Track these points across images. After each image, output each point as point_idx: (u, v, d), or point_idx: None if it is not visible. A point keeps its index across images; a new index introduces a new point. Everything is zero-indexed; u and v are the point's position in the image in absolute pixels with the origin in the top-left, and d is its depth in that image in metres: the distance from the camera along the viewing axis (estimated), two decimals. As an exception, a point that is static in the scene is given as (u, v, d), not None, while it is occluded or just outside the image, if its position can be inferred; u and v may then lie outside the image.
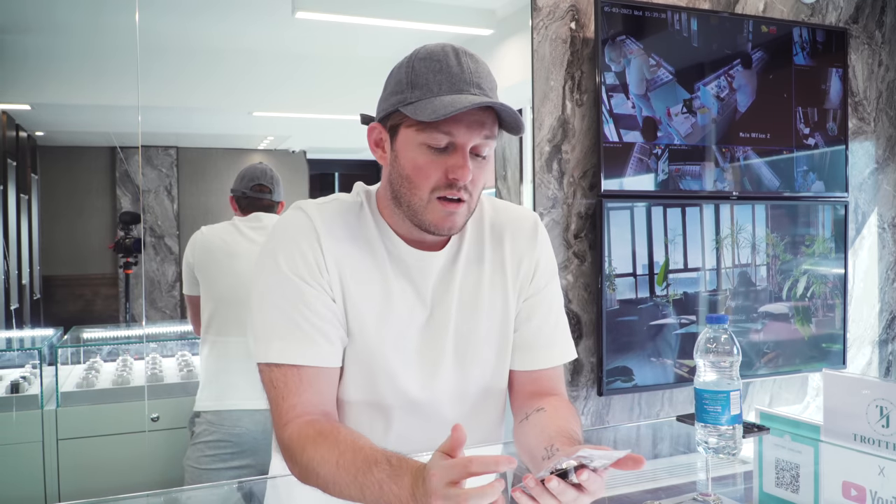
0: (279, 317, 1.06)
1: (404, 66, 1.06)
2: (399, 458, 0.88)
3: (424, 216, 1.06)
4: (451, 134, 1.01)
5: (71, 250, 2.94)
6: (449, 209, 1.04)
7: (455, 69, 1.02)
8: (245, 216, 2.29)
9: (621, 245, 2.36)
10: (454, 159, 1.03)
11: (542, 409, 1.13)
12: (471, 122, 1.02)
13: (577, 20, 2.39)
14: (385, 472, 0.86)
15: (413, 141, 1.04)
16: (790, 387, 2.84)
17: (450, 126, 1.01)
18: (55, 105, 2.81)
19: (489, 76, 1.06)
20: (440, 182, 1.03)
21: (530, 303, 1.20)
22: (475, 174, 1.05)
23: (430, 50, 1.05)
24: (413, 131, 1.03)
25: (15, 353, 2.76)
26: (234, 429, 2.13)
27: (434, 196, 1.04)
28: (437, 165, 1.03)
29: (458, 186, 1.03)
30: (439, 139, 1.02)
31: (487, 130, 1.03)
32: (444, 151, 1.03)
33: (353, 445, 0.93)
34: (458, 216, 1.06)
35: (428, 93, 1.02)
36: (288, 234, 1.10)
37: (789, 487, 1.16)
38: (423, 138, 1.02)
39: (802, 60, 2.67)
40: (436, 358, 1.14)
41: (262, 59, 2.86)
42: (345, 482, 0.92)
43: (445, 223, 1.05)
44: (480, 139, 1.03)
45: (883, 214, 2.99)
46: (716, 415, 1.08)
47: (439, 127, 1.01)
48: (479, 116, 1.02)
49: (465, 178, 1.02)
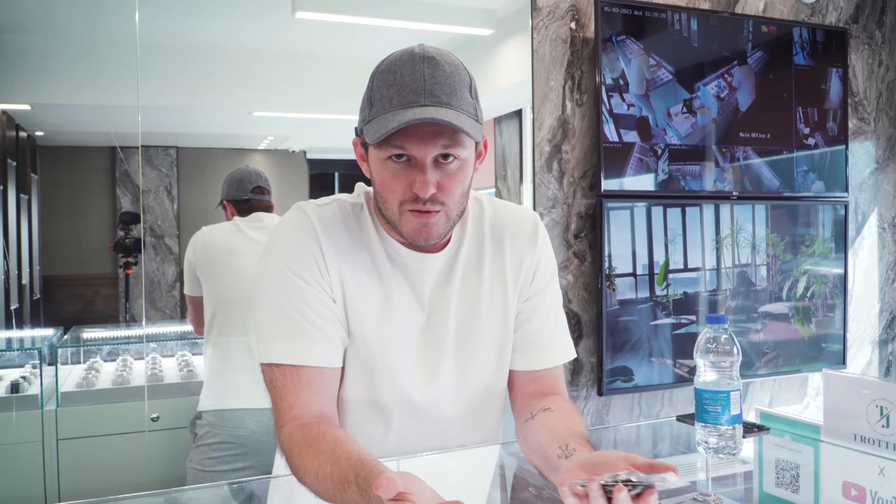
0: (280, 317, 1.07)
1: (369, 80, 1.06)
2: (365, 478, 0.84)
3: (401, 228, 1.05)
4: (405, 149, 1.00)
5: (71, 250, 2.94)
6: (421, 220, 1.03)
7: (407, 80, 0.99)
8: (245, 217, 2.29)
9: (621, 245, 2.36)
10: (414, 174, 1.01)
11: (548, 408, 1.13)
12: (424, 134, 0.99)
13: (577, 20, 2.39)
14: (356, 493, 0.85)
15: (377, 158, 1.04)
16: (790, 387, 2.84)
17: (401, 141, 0.99)
18: (55, 105, 2.81)
19: (449, 79, 1.00)
20: (406, 196, 1.02)
21: (531, 303, 1.21)
22: (444, 183, 1.02)
23: (390, 61, 1.03)
24: (374, 149, 1.04)
25: (15, 353, 2.76)
26: (237, 430, 2.13)
27: (404, 208, 1.03)
28: (401, 180, 1.02)
29: (423, 200, 1.01)
30: (393, 150, 1.01)
31: (445, 140, 1.00)
32: (408, 165, 1.02)
33: (331, 457, 0.92)
34: (432, 226, 1.04)
35: (381, 110, 1.00)
36: (289, 235, 1.10)
37: (789, 487, 1.16)
38: (384, 154, 1.02)
39: (802, 60, 2.67)
40: (435, 359, 1.14)
41: (262, 59, 2.86)
42: (327, 493, 0.93)
43: (420, 234, 1.04)
44: (438, 149, 1.00)
45: (883, 214, 2.99)
46: (716, 415, 1.08)
47: (392, 144, 1.00)
48: (432, 127, 0.99)
49: (425, 192, 1.00)
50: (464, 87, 1.02)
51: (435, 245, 1.10)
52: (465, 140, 1.02)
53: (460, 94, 1.01)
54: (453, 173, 1.03)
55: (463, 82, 1.02)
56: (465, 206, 1.09)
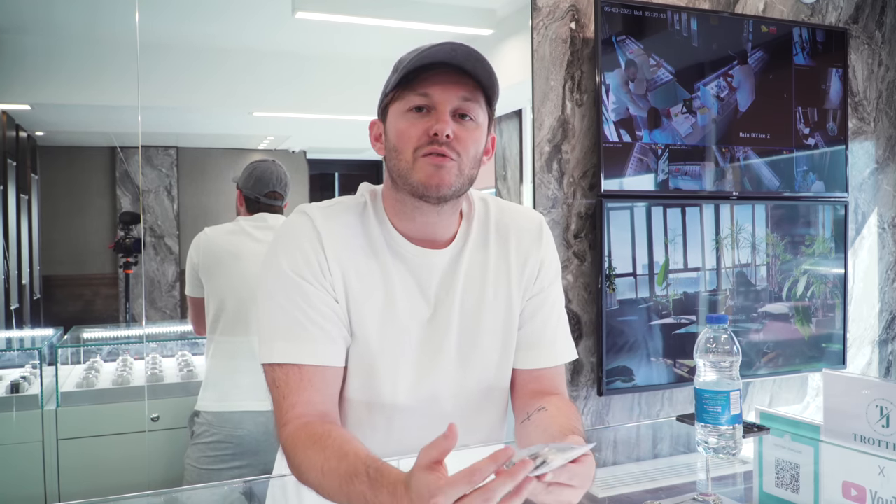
0: (282, 317, 1.07)
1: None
2: (377, 469, 0.86)
3: (412, 176, 1.06)
4: (427, 94, 1.05)
5: (71, 250, 2.94)
6: (435, 163, 1.04)
7: (438, 48, 1.04)
8: (250, 216, 2.28)
9: (621, 245, 2.36)
10: (432, 120, 1.05)
11: (543, 408, 1.13)
12: (446, 82, 1.05)
13: (577, 20, 2.39)
14: (365, 484, 0.86)
15: (396, 112, 1.08)
16: (790, 387, 2.84)
17: (425, 87, 1.04)
18: (55, 105, 2.81)
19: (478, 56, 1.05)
20: (422, 140, 1.05)
21: (534, 301, 1.21)
22: (460, 135, 1.06)
23: None
24: (397, 104, 1.08)
25: (15, 353, 2.76)
26: (235, 430, 2.13)
27: (418, 154, 1.05)
28: (418, 126, 1.05)
29: (440, 142, 1.04)
30: (416, 100, 1.05)
31: (466, 92, 1.05)
32: (427, 115, 1.06)
33: (338, 452, 0.93)
34: (445, 172, 1.05)
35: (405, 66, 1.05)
36: (291, 237, 1.11)
37: (789, 487, 1.16)
38: (403, 105, 1.06)
39: (802, 60, 2.67)
40: (438, 356, 1.14)
41: (262, 59, 2.86)
42: (331, 489, 0.92)
43: (433, 180, 1.05)
44: (458, 101, 1.05)
45: (883, 214, 2.99)
46: (716, 415, 1.08)
47: (415, 89, 1.05)
48: (455, 77, 1.05)
49: (443, 131, 1.03)
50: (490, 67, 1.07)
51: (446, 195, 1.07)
52: (481, 103, 1.08)
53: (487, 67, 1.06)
54: (469, 130, 1.07)
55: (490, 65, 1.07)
56: (475, 174, 1.11)
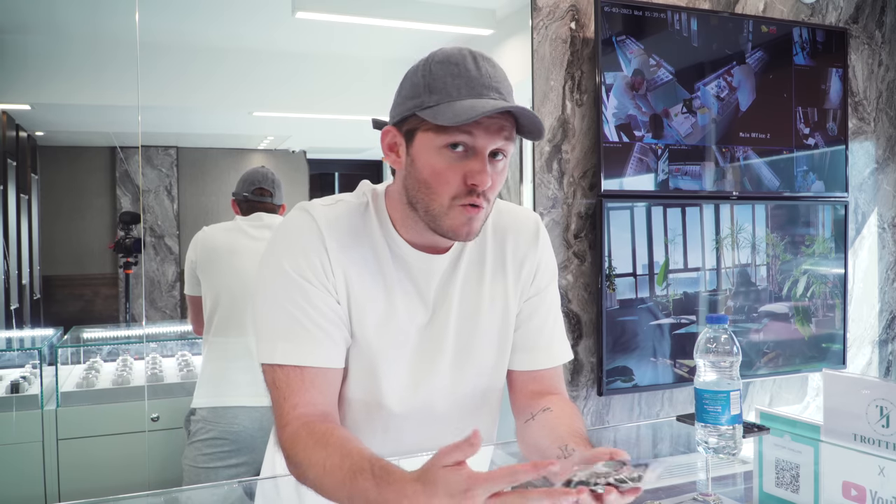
0: (283, 318, 1.06)
1: (420, 69, 1.04)
2: (383, 467, 0.86)
3: (443, 222, 1.04)
4: (472, 136, 1.00)
5: (71, 250, 2.95)
6: (469, 214, 1.03)
7: (474, 73, 1.01)
8: (246, 216, 2.29)
9: (621, 245, 2.36)
10: (473, 164, 1.01)
11: (548, 408, 1.13)
12: (490, 126, 1.00)
13: (577, 20, 2.39)
14: (369, 481, 0.86)
15: (431, 145, 1.02)
16: (790, 387, 2.84)
17: (470, 129, 1.00)
18: (55, 105, 2.81)
19: (506, 80, 1.05)
20: (460, 189, 1.02)
21: (531, 303, 1.21)
22: (494, 179, 1.03)
23: (448, 53, 1.03)
24: (431, 135, 1.02)
25: (15, 353, 2.76)
26: (231, 426, 2.13)
27: (455, 203, 1.03)
28: (456, 170, 1.02)
29: (478, 192, 1.02)
30: (460, 137, 1.01)
31: (507, 133, 1.02)
32: (464, 156, 1.02)
33: (341, 450, 0.93)
34: (476, 221, 1.05)
35: (447, 97, 1.00)
36: (292, 235, 1.09)
37: (789, 487, 1.16)
38: (443, 141, 1.01)
39: (802, 60, 2.67)
40: (435, 360, 1.14)
41: (262, 59, 2.87)
42: (333, 486, 0.92)
43: (464, 229, 1.04)
44: (500, 142, 1.02)
45: (883, 214, 2.99)
46: (716, 415, 1.08)
47: (462, 129, 1.00)
48: (498, 120, 1.01)
49: (484, 183, 1.01)
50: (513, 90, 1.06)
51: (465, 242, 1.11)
52: (515, 139, 1.06)
53: (513, 95, 1.05)
54: (500, 171, 1.05)
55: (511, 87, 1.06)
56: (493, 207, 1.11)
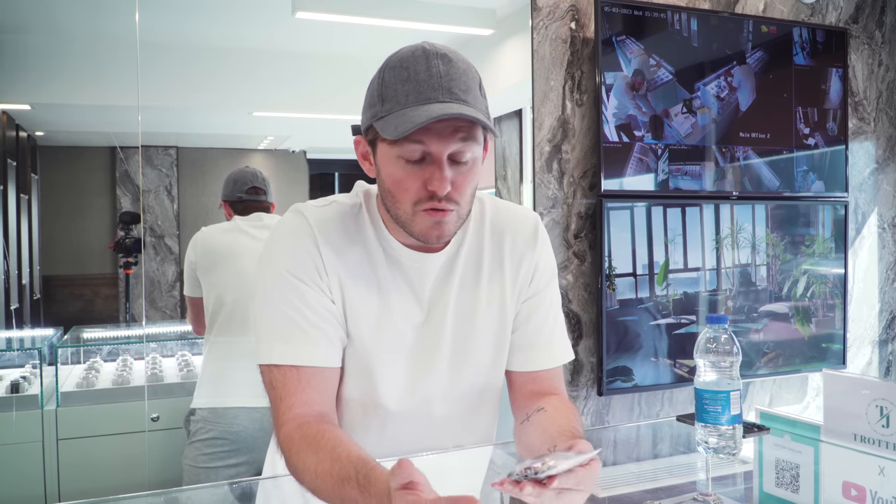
0: (279, 319, 1.07)
1: (376, 76, 1.04)
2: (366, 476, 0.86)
3: (412, 227, 1.04)
4: (424, 144, 0.99)
5: (71, 250, 2.95)
6: (435, 218, 1.02)
7: (423, 76, 0.99)
8: (245, 216, 2.29)
9: (621, 245, 2.36)
10: (430, 171, 1.00)
11: (542, 409, 1.13)
12: (443, 130, 0.98)
13: (577, 20, 2.39)
14: (355, 490, 0.86)
15: (389, 155, 1.02)
16: (790, 387, 2.84)
17: (421, 137, 0.98)
18: (55, 105, 2.81)
19: (463, 77, 1.01)
20: (421, 195, 1.01)
21: (530, 304, 1.20)
22: (458, 182, 1.02)
23: (401, 56, 1.02)
24: (387, 145, 1.01)
25: (15, 353, 2.76)
26: (231, 426, 2.13)
27: (418, 208, 1.02)
28: (415, 178, 1.01)
29: (439, 198, 1.01)
30: (412, 152, 0.99)
31: (463, 134, 1.00)
32: (422, 163, 1.01)
33: (331, 454, 0.93)
34: (445, 225, 1.03)
35: (396, 105, 0.99)
36: (287, 237, 1.10)
37: (789, 487, 1.16)
38: (397, 152, 1.00)
39: (802, 60, 2.67)
40: (431, 360, 1.14)
41: (262, 59, 2.87)
42: (325, 491, 0.93)
43: (433, 232, 1.03)
44: (457, 145, 1.00)
45: (883, 214, 2.99)
46: (716, 415, 1.08)
47: (410, 139, 0.98)
48: (452, 122, 0.99)
49: (442, 189, 0.99)
50: (475, 84, 1.03)
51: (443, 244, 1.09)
52: (478, 137, 1.02)
53: (473, 91, 1.02)
54: (466, 172, 1.03)
55: (474, 80, 1.03)
56: (472, 206, 1.09)
